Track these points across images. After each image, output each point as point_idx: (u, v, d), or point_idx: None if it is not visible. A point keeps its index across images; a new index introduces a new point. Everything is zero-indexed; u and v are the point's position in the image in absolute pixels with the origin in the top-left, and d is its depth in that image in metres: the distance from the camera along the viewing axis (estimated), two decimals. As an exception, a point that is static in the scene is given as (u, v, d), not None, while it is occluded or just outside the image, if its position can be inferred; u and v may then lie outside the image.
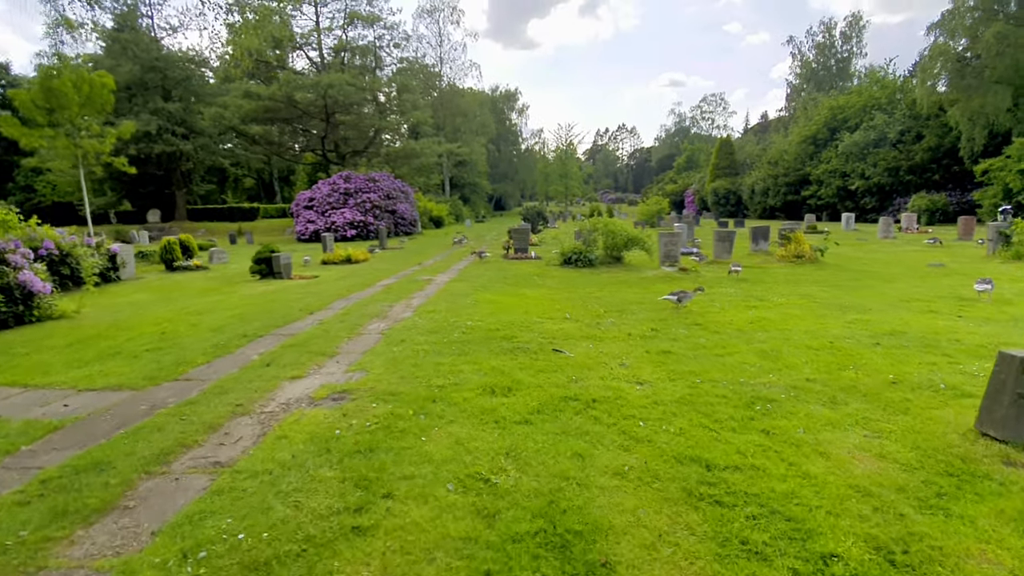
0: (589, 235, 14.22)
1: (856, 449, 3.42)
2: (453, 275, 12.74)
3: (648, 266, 13.98)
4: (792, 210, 47.38)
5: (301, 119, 38.07)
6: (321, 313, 8.29)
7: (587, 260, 13.59)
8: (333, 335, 6.70)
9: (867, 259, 14.75)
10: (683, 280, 11.41)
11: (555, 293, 9.90)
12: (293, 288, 11.02)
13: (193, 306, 9.25)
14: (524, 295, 9.62)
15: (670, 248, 12.69)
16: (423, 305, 8.66)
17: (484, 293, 9.73)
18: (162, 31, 40.95)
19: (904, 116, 39.05)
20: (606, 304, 8.60)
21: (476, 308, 8.21)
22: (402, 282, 11.69)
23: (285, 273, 12.67)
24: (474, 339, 6.28)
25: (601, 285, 10.95)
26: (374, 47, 39.77)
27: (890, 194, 38.09)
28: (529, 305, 8.56)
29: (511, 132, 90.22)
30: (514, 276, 12.23)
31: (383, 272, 13.83)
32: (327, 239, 17.02)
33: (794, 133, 49.93)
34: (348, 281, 12.09)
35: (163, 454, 3.49)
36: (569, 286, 10.81)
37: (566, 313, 7.87)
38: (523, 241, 16.51)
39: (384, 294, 10.02)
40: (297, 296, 9.91)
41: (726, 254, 14.56)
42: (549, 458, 3.27)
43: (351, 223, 31.76)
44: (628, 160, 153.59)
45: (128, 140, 37.14)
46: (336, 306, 8.87)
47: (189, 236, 15.40)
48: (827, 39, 74.79)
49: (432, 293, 9.99)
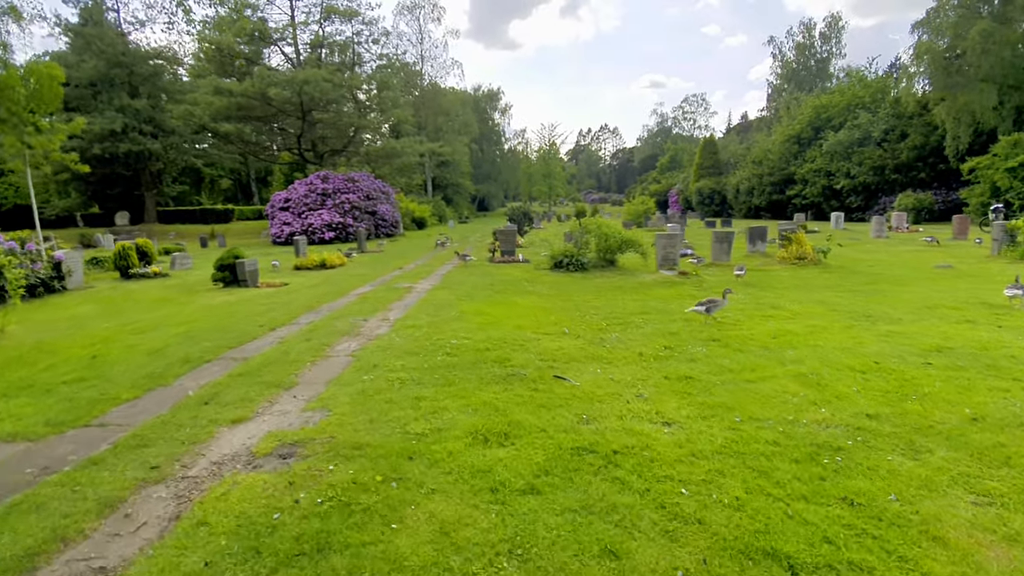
0: (581, 237, 13.36)
1: (974, 528, 2.56)
2: (436, 281, 11.77)
3: (644, 269, 13.16)
4: (777, 209, 47.22)
5: (276, 117, 36.59)
6: (284, 329, 7.27)
7: (579, 264, 12.72)
8: (294, 358, 5.71)
9: (869, 260, 14.13)
10: (684, 285, 10.60)
11: (548, 302, 9.00)
12: (258, 298, 9.95)
13: (139, 322, 8.15)
14: (514, 304, 8.70)
15: (668, 251, 11.88)
16: (402, 319, 7.69)
17: (470, 303, 8.79)
18: (129, 26, 39.11)
19: (887, 115, 39.03)
20: (606, 315, 7.73)
21: (462, 321, 7.27)
22: (380, 290, 10.68)
23: (251, 281, 11.57)
24: (460, 362, 5.34)
25: (597, 292, 10.08)
26: (352, 43, 38.45)
27: (875, 193, 38.02)
28: (521, 317, 7.65)
29: (494, 132, 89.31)
30: (502, 282, 11.30)
31: (360, 278, 12.79)
32: (299, 243, 15.85)
33: (778, 132, 49.84)
34: (320, 289, 11.04)
35: (28, 556, 2.49)
36: (562, 293, 9.92)
37: (564, 327, 6.97)
38: (510, 243, 15.60)
39: (359, 305, 9.01)
40: (260, 308, 8.86)
41: (725, 256, 13.81)
42: (570, 558, 2.35)
43: (329, 225, 30.52)
44: (611, 160, 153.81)
45: (92, 139, 35.54)
46: (303, 320, 7.85)
47: (147, 240, 14.18)
48: (807, 39, 75.44)
49: (412, 303, 9.02)
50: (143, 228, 41.74)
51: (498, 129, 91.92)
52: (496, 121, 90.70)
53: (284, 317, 8.03)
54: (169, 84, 40.77)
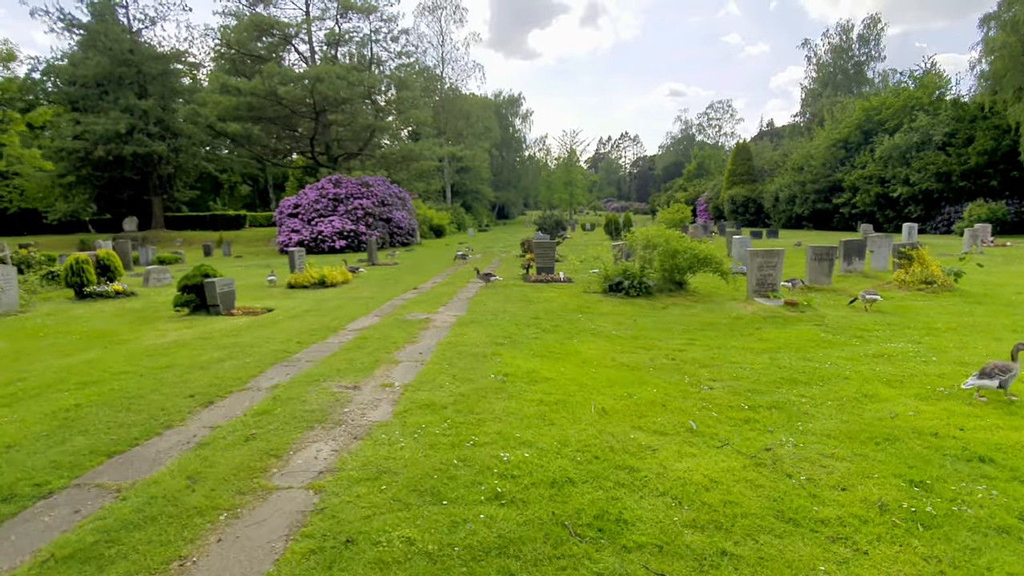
0: (646, 251, 10.55)
1: None
2: (461, 310, 9.05)
3: (725, 295, 10.29)
4: (821, 219, 43.84)
5: (289, 118, 34.48)
6: (225, 404, 4.59)
7: (643, 287, 9.92)
8: (202, 498, 3.00)
9: (1011, 286, 11.05)
10: (802, 321, 7.72)
11: (626, 351, 6.22)
12: (220, 335, 7.33)
13: (30, 376, 5.56)
14: (580, 356, 5.93)
15: (767, 272, 9.01)
16: (413, 385, 4.97)
17: (514, 352, 6.04)
18: (138, 23, 37.41)
19: (948, 117, 35.50)
20: (731, 383, 4.93)
21: (510, 398, 4.52)
22: (386, 324, 7.99)
23: (223, 305, 8.99)
24: (524, 533, 2.58)
25: (686, 332, 7.27)
26: (370, 40, 36.25)
27: (938, 202, 34.51)
28: (598, 384, 4.88)
29: (514, 139, 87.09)
30: (547, 312, 8.54)
31: (363, 303, 10.14)
32: (295, 255, 13.19)
33: (821, 137, 46.46)
34: (309, 320, 8.39)
35: None
36: (640, 335, 7.13)
37: (677, 411, 4.18)
38: (548, 258, 12.85)
39: (353, 352, 6.33)
40: (213, 356, 6.22)
41: (824, 277, 10.89)
42: None
43: (340, 233, 28.13)
44: (631, 168, 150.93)
45: (96, 140, 33.77)
46: (263, 383, 5.18)
47: (111, 252, 11.77)
48: (844, 42, 72.21)
49: (430, 350, 6.30)
50: (150, 234, 39.96)
51: (519, 136, 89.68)
52: (517, 127, 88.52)
53: (237, 376, 5.36)
54: (180, 84, 39.04)
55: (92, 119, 32.83)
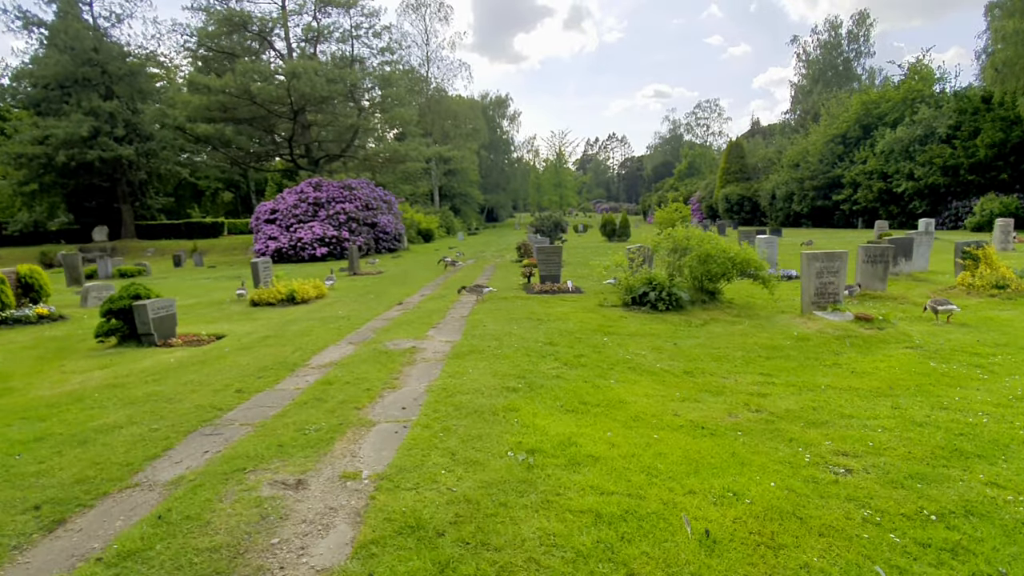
0: (673, 256, 8.90)
1: None
2: (455, 333, 7.32)
3: (764, 305, 8.68)
4: (821, 216, 42.69)
5: (266, 119, 32.49)
6: (84, 522, 2.84)
7: (674, 299, 8.27)
8: None
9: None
10: (889, 343, 6.10)
11: (686, 395, 4.55)
12: (137, 379, 5.54)
13: None
14: (627, 408, 4.24)
15: (827, 280, 7.39)
16: (390, 478, 3.24)
17: (534, 403, 4.33)
18: (104, 20, 35.10)
19: (951, 110, 34.39)
20: (864, 455, 3.27)
21: (542, 502, 2.81)
22: (361, 356, 6.24)
23: (159, 334, 7.19)
24: None
25: (746, 359, 5.62)
26: (350, 36, 34.38)
27: (944, 196, 33.37)
28: (673, 466, 3.20)
29: (502, 141, 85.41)
30: (565, 335, 6.84)
31: (337, 325, 8.38)
32: (259, 267, 11.26)
33: (817, 133, 45.33)
34: (263, 353, 6.62)
35: None
36: (688, 363, 5.45)
37: (875, 567, 2.51)
38: (553, 265, 11.15)
39: (309, 406, 4.58)
40: (110, 419, 4.44)
41: (879, 283, 9.33)
42: None
43: (321, 239, 26.24)
44: (619, 169, 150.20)
45: (57, 145, 31.51)
46: (161, 472, 3.42)
47: (35, 268, 9.93)
48: (833, 38, 71.78)
49: (416, 404, 4.57)
50: (119, 244, 37.68)
51: (507, 137, 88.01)
52: (505, 129, 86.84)
53: (128, 458, 3.60)
54: (150, 85, 36.84)
55: (52, 122, 30.61)
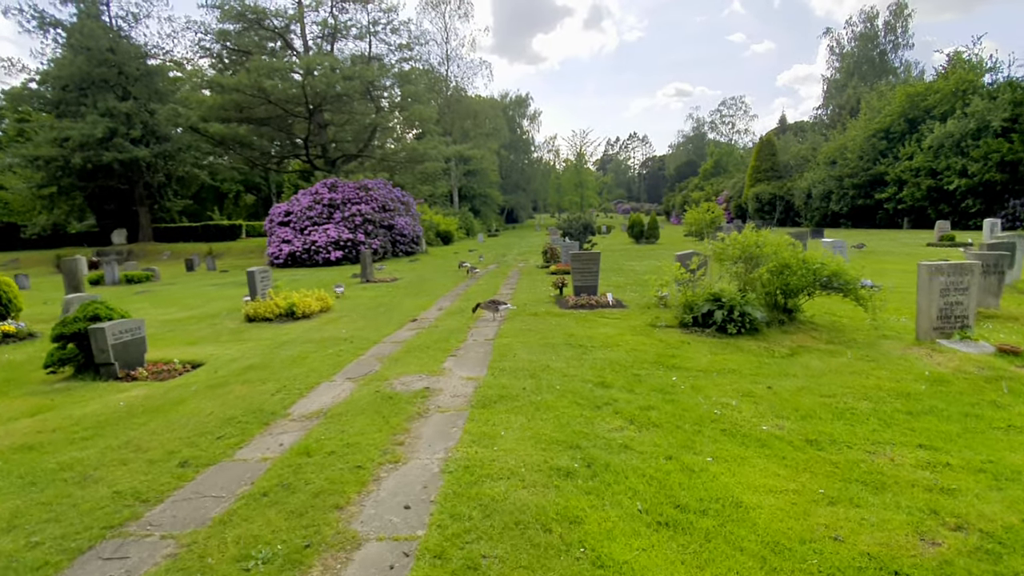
0: (739, 265, 7.34)
1: None
2: (479, 367, 5.89)
3: (854, 326, 7.05)
4: (861, 216, 40.26)
5: (283, 118, 31.60)
6: None
7: (747, 320, 6.71)
8: None
9: None
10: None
11: (827, 491, 3.04)
12: (64, 436, 4.22)
13: None
14: (744, 516, 2.75)
15: (955, 299, 5.77)
16: None
17: (604, 508, 2.86)
18: (120, 20, 34.65)
19: (1007, 101, 31.88)
20: None
21: None
22: (358, 403, 4.84)
23: (120, 363, 5.92)
24: None
25: (877, 413, 4.07)
26: (368, 32, 33.33)
27: (1001, 195, 30.88)
28: None
29: (522, 140, 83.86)
30: (618, 369, 5.36)
31: (336, 349, 7.02)
32: (256, 276, 9.91)
33: (856, 128, 42.85)
34: (238, 393, 5.28)
35: None
36: (803, 424, 3.92)
37: None
38: (590, 275, 9.64)
39: (269, 503, 3.20)
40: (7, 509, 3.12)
41: (992, 298, 7.65)
42: None
43: (336, 242, 25.11)
44: (640, 169, 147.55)
45: (73, 147, 31.10)
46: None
47: (6, 280, 8.85)
48: (868, 30, 68.71)
49: (425, 505, 3.14)
50: (136, 247, 37.25)
51: (527, 137, 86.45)
52: (525, 129, 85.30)
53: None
54: (166, 86, 36.30)
55: (68, 124, 30.13)
